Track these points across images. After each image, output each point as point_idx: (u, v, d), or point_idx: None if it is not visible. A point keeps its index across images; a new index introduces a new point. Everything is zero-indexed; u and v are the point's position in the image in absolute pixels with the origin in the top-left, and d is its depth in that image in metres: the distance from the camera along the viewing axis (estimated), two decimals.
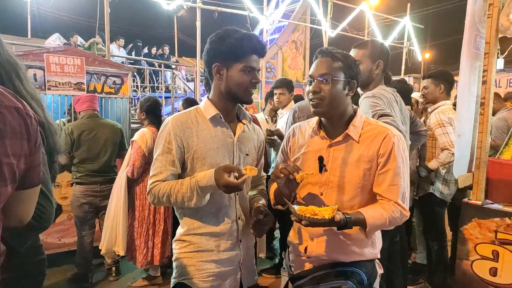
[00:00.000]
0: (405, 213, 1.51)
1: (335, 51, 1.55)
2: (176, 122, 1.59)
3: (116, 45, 9.65)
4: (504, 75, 11.99)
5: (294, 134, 1.73)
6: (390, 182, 1.50)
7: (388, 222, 1.47)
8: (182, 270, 1.65)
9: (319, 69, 1.54)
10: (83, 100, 3.48)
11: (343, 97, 1.55)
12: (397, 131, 1.57)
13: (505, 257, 2.13)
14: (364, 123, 1.58)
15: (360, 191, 1.54)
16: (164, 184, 1.56)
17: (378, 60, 2.16)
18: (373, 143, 1.52)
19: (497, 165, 2.26)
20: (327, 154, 1.58)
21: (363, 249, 1.58)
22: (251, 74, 1.56)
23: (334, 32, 9.38)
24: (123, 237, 3.29)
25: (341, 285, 1.47)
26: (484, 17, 2.18)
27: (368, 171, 1.52)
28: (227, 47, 1.53)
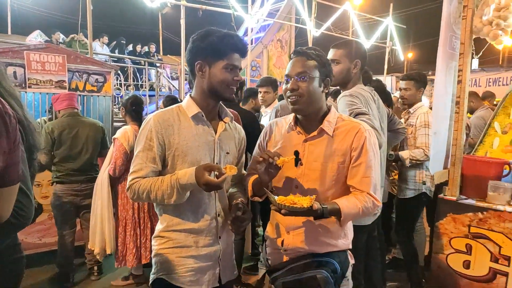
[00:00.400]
0: (377, 203, 1.59)
1: (309, 51, 1.62)
2: (158, 119, 1.60)
3: (100, 42, 9.53)
4: (483, 74, 12.31)
5: (271, 130, 1.78)
6: (363, 174, 1.57)
7: (361, 212, 1.54)
8: (161, 265, 1.67)
9: (295, 68, 1.60)
10: (62, 99, 3.44)
11: (319, 94, 1.62)
12: (368, 126, 1.65)
13: (478, 250, 2.21)
14: (337, 119, 1.65)
15: (334, 184, 1.61)
16: (144, 180, 1.57)
17: (356, 60, 2.21)
18: (346, 137, 1.60)
19: (471, 162, 2.34)
20: (302, 148, 1.64)
21: (337, 240, 1.65)
22: (233, 72, 1.60)
23: (318, 32, 9.46)
24: (110, 236, 3.27)
25: (316, 274, 1.53)
26: (459, 19, 2.25)
27: (342, 164, 1.59)
28: (209, 45, 1.55)
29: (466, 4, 2.18)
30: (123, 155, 3.17)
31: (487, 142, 2.73)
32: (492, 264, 2.16)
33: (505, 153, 2.56)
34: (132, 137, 3.21)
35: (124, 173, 3.27)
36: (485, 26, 2.08)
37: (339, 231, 1.65)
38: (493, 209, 2.15)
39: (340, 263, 1.62)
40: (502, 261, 2.11)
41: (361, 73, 2.26)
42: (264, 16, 10.21)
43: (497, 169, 2.27)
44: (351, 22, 10.60)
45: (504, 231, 2.10)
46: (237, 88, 1.71)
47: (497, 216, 2.13)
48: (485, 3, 2.08)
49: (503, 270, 2.12)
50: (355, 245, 1.74)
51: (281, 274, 1.63)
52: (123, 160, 3.18)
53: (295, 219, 1.63)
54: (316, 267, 1.57)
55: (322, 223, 1.61)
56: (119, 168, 3.18)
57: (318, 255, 1.62)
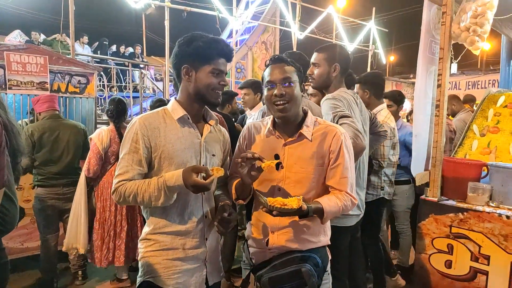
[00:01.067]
0: (354, 201, 1.70)
1: (285, 58, 1.70)
2: (143, 122, 1.60)
3: (80, 42, 9.37)
4: (463, 78, 12.63)
5: (250, 133, 1.82)
6: (341, 175, 1.67)
7: (341, 210, 1.64)
8: (147, 268, 1.66)
9: (278, 74, 1.65)
10: (43, 101, 3.38)
11: (300, 98, 1.70)
12: (343, 129, 1.75)
13: (459, 250, 2.27)
14: (315, 123, 1.73)
15: (314, 185, 1.68)
16: (131, 183, 1.57)
17: (335, 64, 2.25)
18: (324, 141, 1.68)
19: (452, 164, 2.40)
20: (282, 152, 1.70)
21: (318, 237, 1.73)
22: (219, 77, 1.62)
23: (303, 34, 9.53)
24: (84, 235, 3.23)
25: (301, 267, 1.60)
26: (438, 25, 2.31)
27: (321, 166, 1.67)
28: (196, 50, 1.57)
29: (445, 10, 2.24)
30: (97, 155, 3.16)
31: (466, 145, 2.80)
32: (472, 263, 2.22)
33: (483, 155, 2.64)
34: (107, 138, 3.19)
35: (102, 176, 3.25)
36: (463, 32, 2.14)
37: (320, 228, 1.73)
38: (472, 209, 2.21)
39: (321, 258, 1.70)
40: (482, 260, 2.18)
41: (343, 77, 2.30)
42: (248, 18, 10.23)
43: (476, 171, 2.34)
44: (335, 25, 10.71)
45: (484, 231, 2.17)
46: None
47: (477, 217, 2.19)
48: (462, 10, 2.14)
49: (483, 269, 2.18)
50: (338, 247, 1.80)
51: (266, 271, 1.67)
52: (97, 160, 3.16)
53: (279, 220, 1.68)
54: (300, 261, 1.63)
55: (304, 222, 1.68)
56: (93, 168, 3.16)
57: (301, 251, 1.68)
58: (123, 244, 3.28)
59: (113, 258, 3.28)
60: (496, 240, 2.12)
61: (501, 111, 2.83)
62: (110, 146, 3.22)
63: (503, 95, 2.92)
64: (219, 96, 1.66)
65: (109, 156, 3.22)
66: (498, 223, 2.11)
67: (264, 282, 1.65)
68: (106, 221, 3.25)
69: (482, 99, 3.01)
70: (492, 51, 16.78)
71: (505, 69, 4.00)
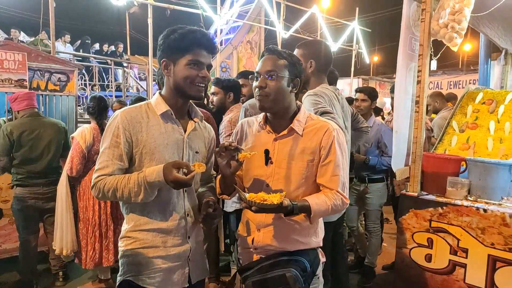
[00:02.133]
0: (346, 201, 1.63)
1: (280, 50, 1.64)
2: (125, 116, 1.57)
3: (62, 41, 9.20)
4: (444, 77, 12.86)
5: (243, 129, 1.80)
6: (332, 173, 1.61)
7: (330, 209, 1.58)
8: (128, 267, 1.63)
9: (265, 66, 1.62)
10: (22, 98, 3.30)
11: (287, 94, 1.64)
12: (336, 125, 1.69)
13: (438, 244, 2.30)
14: (307, 118, 1.69)
15: (304, 182, 1.63)
16: (110, 178, 1.54)
17: (310, 60, 2.26)
18: (315, 136, 1.63)
19: (431, 159, 2.43)
20: (272, 147, 1.66)
21: (307, 238, 1.67)
22: (198, 68, 1.57)
23: (287, 34, 9.56)
24: (71, 237, 3.19)
25: (286, 272, 1.54)
26: (418, 21, 2.34)
27: (311, 163, 1.62)
28: (172, 42, 1.54)
29: (424, 7, 2.27)
30: (80, 154, 3.11)
31: (446, 140, 2.85)
32: (451, 256, 2.25)
33: (462, 151, 2.69)
34: (89, 136, 3.14)
35: (84, 175, 3.20)
36: (442, 29, 2.18)
37: (310, 229, 1.67)
38: (451, 204, 2.25)
39: (310, 261, 1.63)
40: (461, 253, 2.21)
41: (324, 73, 2.31)
42: (234, 17, 10.21)
43: (455, 166, 2.38)
44: (319, 25, 10.78)
45: (462, 224, 2.20)
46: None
47: (456, 211, 2.22)
48: (441, 6, 2.18)
49: (461, 262, 2.21)
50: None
51: (251, 274, 1.64)
52: (80, 159, 3.11)
53: (266, 217, 1.65)
54: (286, 265, 1.58)
55: (292, 221, 1.63)
56: (76, 167, 3.11)
57: (288, 253, 1.63)
58: (111, 244, 3.22)
59: (100, 260, 3.21)
60: (474, 234, 2.16)
61: (480, 108, 2.89)
62: (93, 144, 3.16)
63: (481, 92, 2.98)
64: (200, 89, 1.61)
65: (92, 154, 3.16)
66: (475, 217, 2.15)
67: (248, 285, 1.62)
68: (90, 221, 3.19)
69: (461, 96, 3.06)
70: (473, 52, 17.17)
71: (484, 67, 4.08)
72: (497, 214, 2.08)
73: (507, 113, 2.73)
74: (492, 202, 2.19)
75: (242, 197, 1.49)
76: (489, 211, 2.11)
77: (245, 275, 1.66)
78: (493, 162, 2.27)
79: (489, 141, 2.64)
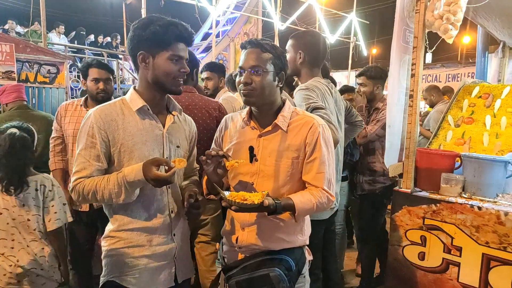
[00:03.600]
0: (332, 199, 1.59)
1: (263, 42, 1.57)
2: (99, 114, 1.51)
3: (56, 32, 9.09)
4: (443, 71, 12.78)
5: (227, 125, 1.75)
6: (317, 170, 1.57)
7: (315, 207, 1.54)
8: (111, 267, 1.58)
9: (249, 60, 1.55)
10: (10, 91, 3.22)
11: (273, 88, 1.59)
12: (322, 121, 1.63)
13: (432, 241, 2.25)
14: (292, 113, 1.63)
15: (289, 179, 1.59)
16: (89, 180, 1.49)
17: (299, 51, 2.20)
18: (300, 132, 1.58)
19: (425, 155, 2.37)
20: (257, 144, 1.61)
21: (292, 237, 1.63)
22: (179, 63, 1.53)
23: (284, 25, 9.46)
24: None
25: (269, 272, 1.51)
26: (412, 12, 2.27)
27: (296, 160, 1.58)
28: (152, 34, 1.47)
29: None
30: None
31: (441, 135, 2.79)
32: (445, 255, 2.20)
33: (458, 146, 2.63)
34: None
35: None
36: (437, 20, 2.10)
37: (295, 227, 1.63)
38: (445, 201, 2.19)
39: (296, 260, 1.60)
40: (454, 252, 2.16)
41: (316, 65, 2.24)
42: (231, 9, 10.11)
43: (449, 162, 2.32)
44: (317, 16, 10.67)
45: (456, 222, 2.15)
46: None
47: (450, 208, 2.17)
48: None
49: (455, 261, 2.16)
50: (311, 240, 1.73)
51: (235, 273, 1.60)
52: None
53: (250, 215, 1.61)
54: (270, 265, 1.54)
55: (277, 220, 1.59)
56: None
57: (273, 252, 1.60)
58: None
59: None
60: (468, 232, 2.11)
61: (476, 102, 2.82)
62: None
63: (478, 85, 2.91)
64: (180, 84, 1.57)
65: None
66: (470, 214, 2.10)
67: (231, 285, 1.59)
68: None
69: (458, 90, 3.00)
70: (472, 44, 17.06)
71: (481, 60, 4.01)
72: (492, 212, 2.03)
73: (504, 108, 2.67)
74: (487, 200, 2.13)
75: (222, 196, 1.44)
76: (484, 208, 2.06)
77: (228, 275, 1.63)
78: (488, 158, 2.21)
79: (485, 136, 2.58)
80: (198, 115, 2.28)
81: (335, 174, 2.20)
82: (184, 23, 1.54)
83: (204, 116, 2.30)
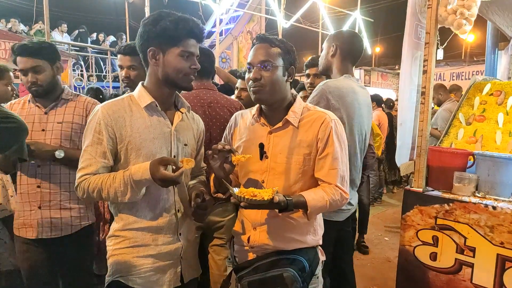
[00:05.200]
0: (345, 196, 1.54)
1: (272, 38, 1.54)
2: (107, 110, 1.49)
3: (59, 31, 9.07)
4: (447, 69, 12.70)
5: (236, 122, 1.72)
6: (330, 166, 1.52)
7: (328, 205, 1.50)
8: (117, 267, 1.55)
9: (258, 55, 1.52)
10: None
11: (283, 83, 1.55)
12: (334, 116, 1.59)
13: (444, 242, 2.20)
14: (303, 109, 1.59)
15: (301, 177, 1.55)
16: (95, 177, 1.46)
17: (333, 43, 2.19)
18: (311, 128, 1.54)
19: (437, 153, 2.32)
20: (267, 140, 1.58)
21: (305, 237, 1.60)
22: (190, 60, 1.50)
23: (288, 23, 9.41)
24: None
25: (283, 272, 1.48)
26: (424, 8, 2.22)
27: (308, 156, 1.54)
28: (163, 30, 1.44)
29: None
30: None
31: (452, 133, 2.74)
32: (458, 255, 2.16)
33: (469, 144, 2.58)
34: None
35: None
36: (450, 15, 2.05)
37: (307, 226, 1.59)
38: (458, 200, 2.14)
39: (309, 261, 1.56)
40: (468, 252, 2.11)
41: (348, 62, 2.22)
42: (234, 6, 10.06)
43: (462, 160, 2.27)
44: (321, 14, 10.60)
45: (469, 222, 2.10)
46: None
47: (463, 207, 2.12)
48: None
49: (468, 261, 2.12)
50: (323, 241, 1.68)
51: (247, 273, 1.58)
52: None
53: (261, 215, 1.57)
54: (283, 265, 1.51)
55: (289, 219, 1.56)
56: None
57: (286, 252, 1.56)
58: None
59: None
60: (482, 232, 2.06)
61: (487, 99, 2.77)
62: None
63: (489, 83, 2.85)
64: (191, 80, 1.54)
65: None
66: (484, 214, 2.05)
67: (243, 285, 1.56)
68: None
69: (468, 87, 2.94)
70: (476, 43, 16.99)
71: (491, 57, 3.95)
72: (507, 211, 1.97)
73: None
74: (501, 199, 2.08)
75: (231, 192, 1.41)
76: (499, 208, 2.00)
77: (240, 275, 1.60)
78: (504, 157, 2.16)
79: (498, 134, 2.53)
80: (220, 113, 2.25)
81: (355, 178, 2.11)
82: (196, 19, 1.51)
83: (225, 114, 2.26)
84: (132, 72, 2.29)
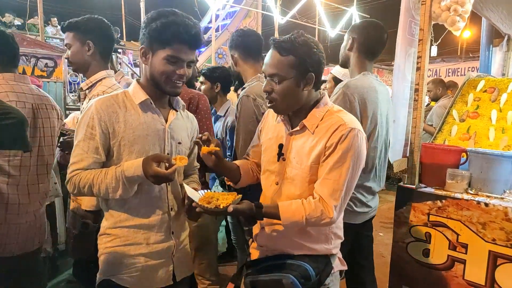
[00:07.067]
0: (327, 214, 1.38)
1: (284, 43, 1.42)
2: (100, 105, 1.48)
3: (51, 25, 9.01)
4: (443, 65, 12.73)
5: (267, 118, 1.71)
6: (325, 175, 1.40)
7: (305, 221, 1.40)
8: (107, 265, 1.55)
9: (268, 67, 1.46)
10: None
11: (297, 94, 1.46)
12: (355, 124, 1.43)
13: (436, 238, 2.21)
14: (326, 113, 1.48)
15: (307, 186, 1.47)
16: (86, 173, 1.45)
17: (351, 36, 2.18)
18: (325, 134, 1.43)
19: (430, 150, 2.32)
20: (287, 142, 1.53)
21: (315, 245, 1.53)
22: (176, 65, 1.46)
23: (284, 19, 9.39)
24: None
25: (282, 278, 1.42)
26: (418, 4, 2.21)
27: (315, 165, 1.45)
28: (153, 31, 1.42)
29: None
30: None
31: (446, 130, 2.74)
32: (450, 252, 2.16)
33: (463, 141, 2.58)
34: None
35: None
36: (444, 12, 2.05)
37: (318, 234, 1.52)
38: (451, 197, 2.15)
39: (318, 269, 1.48)
40: (460, 249, 2.12)
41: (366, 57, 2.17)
42: (230, 2, 10.01)
43: (455, 157, 2.27)
44: (317, 10, 10.58)
45: (462, 219, 2.11)
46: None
47: (455, 204, 2.13)
48: None
49: (461, 258, 2.13)
50: None
51: (252, 272, 1.56)
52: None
53: None
54: (285, 270, 1.45)
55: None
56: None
57: (294, 256, 1.51)
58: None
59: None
60: (474, 228, 2.07)
61: (481, 96, 2.77)
62: None
63: (483, 79, 2.86)
64: (176, 86, 1.50)
65: None
66: (476, 211, 2.06)
67: (246, 284, 1.54)
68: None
69: (462, 84, 2.94)
70: (472, 39, 17.00)
71: (485, 53, 3.95)
72: (499, 208, 1.98)
73: (510, 102, 2.61)
74: (494, 196, 2.08)
75: (187, 195, 1.46)
76: (491, 205, 2.01)
77: (247, 272, 1.59)
78: (496, 154, 2.16)
79: (491, 131, 2.54)
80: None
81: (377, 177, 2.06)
82: (191, 23, 1.44)
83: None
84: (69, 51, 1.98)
